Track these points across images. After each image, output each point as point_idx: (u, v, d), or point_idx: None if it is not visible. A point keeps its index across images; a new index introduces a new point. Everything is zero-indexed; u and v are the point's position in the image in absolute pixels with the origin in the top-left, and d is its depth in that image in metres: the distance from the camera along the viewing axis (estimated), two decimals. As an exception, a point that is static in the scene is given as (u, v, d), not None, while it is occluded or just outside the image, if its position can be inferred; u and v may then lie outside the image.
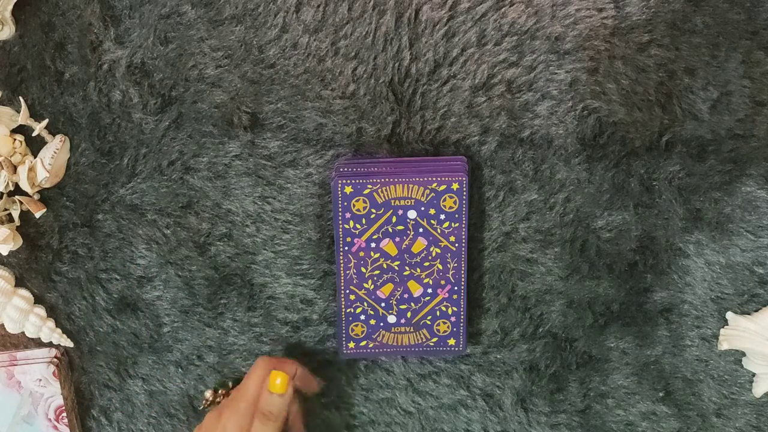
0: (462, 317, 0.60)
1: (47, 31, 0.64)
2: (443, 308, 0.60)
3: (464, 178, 0.56)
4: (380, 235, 0.56)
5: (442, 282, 0.59)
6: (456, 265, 0.58)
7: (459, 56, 0.61)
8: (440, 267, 0.58)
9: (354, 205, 0.56)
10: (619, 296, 0.64)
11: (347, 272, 0.58)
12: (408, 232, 0.56)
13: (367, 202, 0.55)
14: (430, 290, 0.59)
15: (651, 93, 0.61)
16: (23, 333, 0.69)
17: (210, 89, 0.64)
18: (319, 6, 0.61)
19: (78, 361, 0.71)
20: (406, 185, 0.55)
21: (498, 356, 0.67)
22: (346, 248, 0.57)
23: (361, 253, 0.57)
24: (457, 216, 0.57)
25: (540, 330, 0.66)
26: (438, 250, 0.57)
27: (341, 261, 0.58)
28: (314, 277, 0.66)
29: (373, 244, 0.57)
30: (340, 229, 0.56)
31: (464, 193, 0.56)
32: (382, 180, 0.55)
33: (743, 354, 0.64)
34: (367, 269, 0.58)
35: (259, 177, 0.65)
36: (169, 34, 0.63)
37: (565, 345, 0.66)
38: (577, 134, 0.62)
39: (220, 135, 0.65)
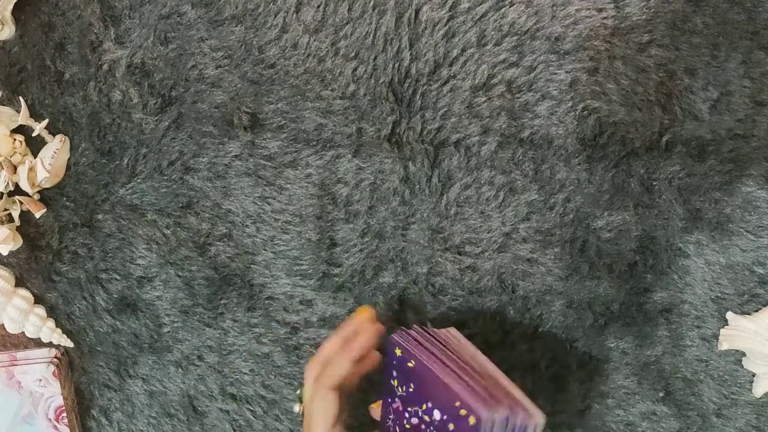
0: None
1: (47, 31, 0.64)
2: None
3: (483, 423, 0.50)
4: (413, 412, 0.55)
5: None
6: None
7: (459, 56, 0.61)
8: None
9: (399, 369, 0.54)
10: (619, 296, 0.64)
11: (386, 422, 0.57)
12: (431, 428, 0.54)
13: (408, 375, 0.54)
14: None
15: (651, 93, 0.61)
16: (23, 333, 0.69)
17: (210, 89, 0.64)
18: (319, 6, 0.61)
19: (78, 361, 0.71)
20: (438, 383, 0.52)
21: (498, 356, 0.67)
22: (389, 400, 0.56)
23: (398, 416, 0.55)
24: None
25: (540, 330, 0.66)
26: None
27: (385, 409, 0.57)
28: (313, 278, 0.66)
29: (407, 414, 0.55)
30: (387, 382, 0.55)
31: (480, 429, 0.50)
32: (424, 364, 0.53)
33: (743, 354, 0.64)
34: (400, 430, 0.56)
35: (259, 177, 0.65)
36: (169, 34, 0.63)
37: (565, 345, 0.66)
38: (577, 134, 0.62)
39: (220, 135, 0.65)
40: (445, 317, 0.66)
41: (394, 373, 0.55)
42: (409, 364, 0.54)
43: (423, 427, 0.55)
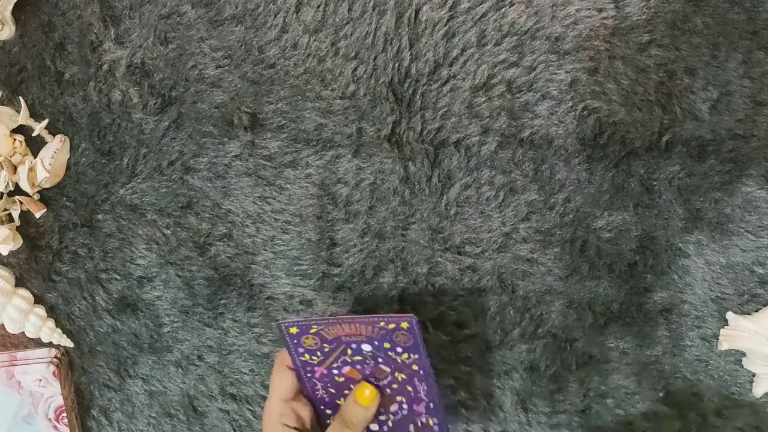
0: (445, 424, 0.57)
1: (47, 31, 0.64)
2: (423, 420, 0.57)
3: (414, 320, 0.52)
4: (340, 364, 0.55)
5: (416, 401, 0.56)
6: (426, 387, 0.55)
7: (459, 56, 0.61)
8: (410, 389, 0.56)
9: (304, 342, 0.54)
10: (619, 296, 0.64)
11: (317, 394, 0.57)
12: (368, 361, 0.55)
13: (316, 339, 0.54)
14: (405, 407, 0.57)
15: (651, 93, 0.61)
16: (23, 333, 0.69)
17: (210, 89, 0.64)
18: (319, 6, 0.61)
19: (78, 361, 0.71)
20: (352, 324, 0.53)
21: (498, 356, 0.67)
22: (309, 375, 0.56)
23: (326, 379, 0.56)
24: (414, 349, 0.53)
25: (540, 330, 0.66)
26: (403, 376, 0.55)
27: (308, 387, 0.57)
28: (313, 278, 0.66)
29: (335, 371, 0.56)
30: (299, 362, 0.55)
31: (416, 330, 0.52)
32: (327, 321, 0.54)
33: (743, 354, 0.64)
34: (336, 390, 0.57)
35: (259, 177, 0.65)
36: (169, 34, 0.63)
37: (565, 345, 0.66)
38: (577, 134, 0.62)
39: (220, 135, 0.65)
40: (445, 317, 0.66)
41: (301, 350, 0.55)
42: (312, 330, 0.54)
43: (359, 367, 0.55)
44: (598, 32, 0.60)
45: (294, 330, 0.54)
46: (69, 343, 0.70)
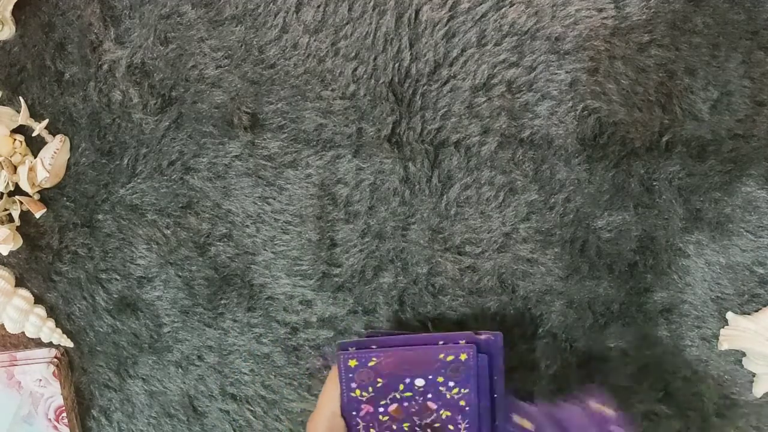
0: None
1: (47, 31, 0.64)
2: None
3: (473, 351, 0.54)
4: (388, 401, 0.56)
5: None
6: (468, 425, 0.57)
7: (459, 56, 0.61)
8: (451, 427, 0.57)
9: (359, 376, 0.55)
10: (619, 296, 0.64)
11: (357, 429, 0.58)
12: (416, 397, 0.56)
13: (371, 373, 0.55)
14: None
15: (651, 93, 0.61)
16: (23, 333, 0.69)
17: (210, 89, 0.64)
18: (319, 6, 0.61)
19: (78, 361, 0.71)
20: (412, 352, 0.55)
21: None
22: (354, 413, 0.57)
23: (369, 417, 0.57)
24: (465, 382, 0.55)
25: (540, 330, 0.66)
26: (448, 413, 0.56)
27: (351, 423, 0.57)
28: (313, 278, 0.66)
29: (381, 409, 0.56)
30: (346, 397, 0.56)
31: (473, 363, 0.54)
32: (387, 353, 0.55)
33: (743, 354, 0.64)
34: (376, 428, 0.57)
35: (259, 177, 0.65)
36: (169, 34, 0.63)
37: (565, 345, 0.66)
38: (577, 134, 0.62)
39: (220, 135, 0.65)
40: (445, 317, 0.66)
41: (353, 385, 0.55)
42: (370, 363, 0.55)
43: (405, 404, 0.56)
44: (598, 32, 0.60)
45: (353, 363, 0.54)
46: (69, 343, 0.70)
